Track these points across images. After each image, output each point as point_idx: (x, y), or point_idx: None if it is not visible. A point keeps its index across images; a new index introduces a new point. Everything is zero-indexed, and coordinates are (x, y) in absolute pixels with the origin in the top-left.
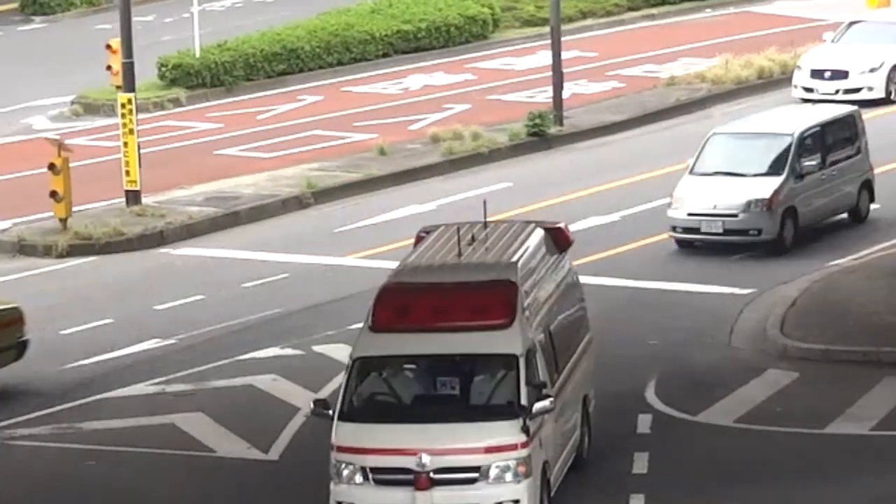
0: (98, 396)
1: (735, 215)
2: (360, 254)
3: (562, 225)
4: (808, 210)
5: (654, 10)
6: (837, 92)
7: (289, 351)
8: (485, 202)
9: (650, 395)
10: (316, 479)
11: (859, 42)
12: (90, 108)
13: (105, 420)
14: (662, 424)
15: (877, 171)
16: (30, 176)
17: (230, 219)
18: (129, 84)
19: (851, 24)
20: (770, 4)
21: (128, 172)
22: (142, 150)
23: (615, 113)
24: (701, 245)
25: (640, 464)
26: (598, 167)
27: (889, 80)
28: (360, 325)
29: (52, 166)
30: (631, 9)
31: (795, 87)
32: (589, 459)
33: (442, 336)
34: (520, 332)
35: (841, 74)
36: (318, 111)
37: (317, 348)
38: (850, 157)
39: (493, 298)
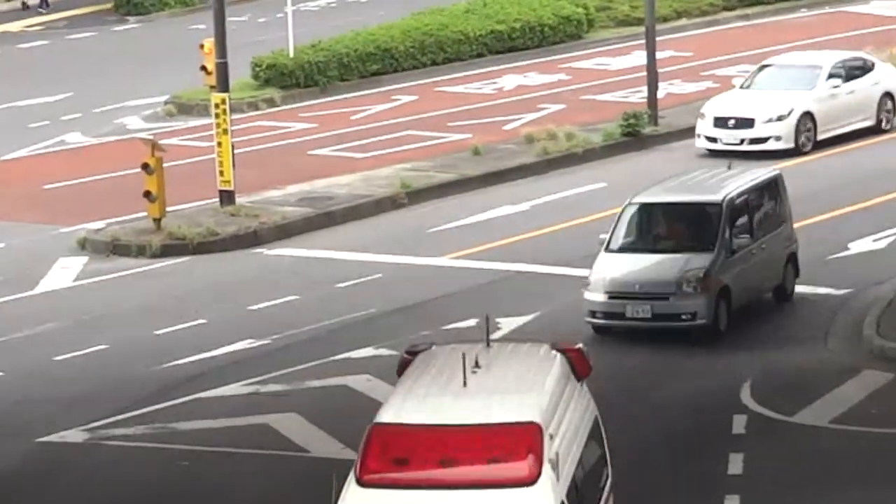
0: (192, 397)
1: (665, 298)
2: (455, 254)
3: (580, 346)
4: (740, 290)
5: (748, 10)
6: (742, 142)
7: (383, 351)
8: (487, 318)
9: (745, 395)
10: None
11: (769, 87)
12: (184, 109)
13: (199, 420)
14: (757, 425)
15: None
16: (124, 176)
17: (324, 219)
18: (223, 84)
19: (762, 67)
20: (865, 4)
21: (221, 172)
22: (236, 150)
23: None
24: (621, 332)
25: (735, 465)
26: (692, 167)
27: (798, 129)
28: (455, 325)
29: (145, 166)
30: (726, 8)
31: (699, 136)
32: (683, 460)
33: (450, 495)
34: (548, 490)
35: (746, 123)
36: (413, 111)
37: None
38: (776, 227)
39: (513, 446)
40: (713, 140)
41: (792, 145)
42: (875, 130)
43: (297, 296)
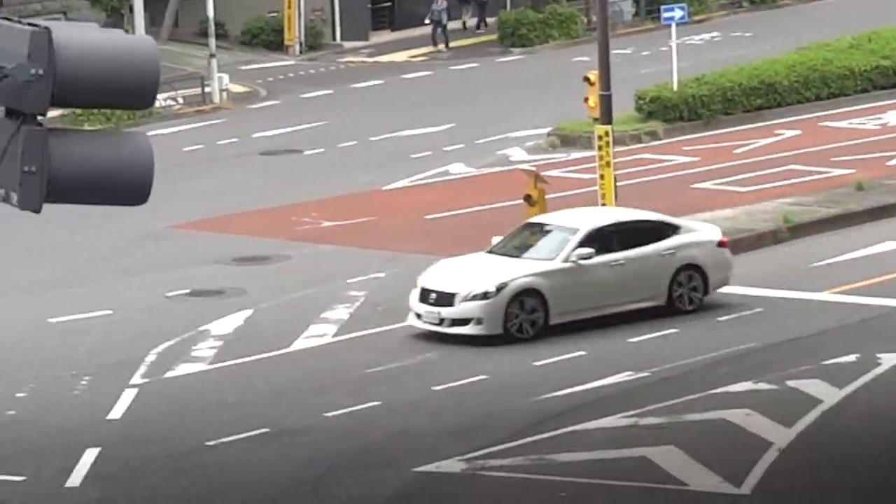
0: (570, 428)
1: None
2: (837, 289)
3: None
4: None
5: None
6: (442, 322)
7: (762, 385)
8: None
9: None
10: None
11: (512, 254)
12: (566, 140)
13: (576, 452)
14: None
15: None
16: (506, 207)
17: None
18: (606, 116)
19: (525, 226)
20: None
21: (604, 205)
22: (618, 183)
23: None
24: None
25: None
26: None
27: (511, 310)
28: (836, 360)
29: (528, 198)
30: None
31: (410, 310)
32: None
33: None
34: None
35: (446, 299)
36: (795, 146)
37: (791, 383)
38: None
39: None
40: (418, 316)
41: (499, 331)
42: (670, 311)
43: (676, 329)
